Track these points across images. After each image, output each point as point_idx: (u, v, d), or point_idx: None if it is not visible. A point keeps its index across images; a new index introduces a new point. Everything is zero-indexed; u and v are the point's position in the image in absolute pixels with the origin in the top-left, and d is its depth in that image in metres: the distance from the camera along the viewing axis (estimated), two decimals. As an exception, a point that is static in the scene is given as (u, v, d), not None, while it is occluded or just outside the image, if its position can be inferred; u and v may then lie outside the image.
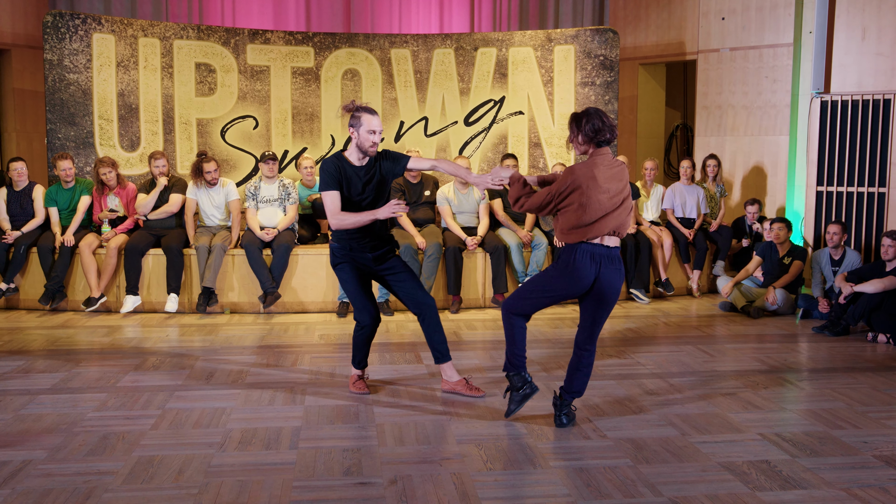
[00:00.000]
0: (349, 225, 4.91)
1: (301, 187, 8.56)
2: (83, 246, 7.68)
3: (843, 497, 3.70)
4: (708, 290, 9.08)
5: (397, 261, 5.19)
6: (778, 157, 9.64)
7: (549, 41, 9.83)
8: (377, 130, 4.93)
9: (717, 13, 10.09)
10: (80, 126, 8.90)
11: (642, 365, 6.00)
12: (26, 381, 5.50)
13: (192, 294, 7.86)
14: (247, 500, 3.65)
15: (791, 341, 6.89)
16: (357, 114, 4.98)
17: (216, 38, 9.46)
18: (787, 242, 7.98)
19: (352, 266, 5.10)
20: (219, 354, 6.29)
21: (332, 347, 6.56)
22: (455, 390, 5.21)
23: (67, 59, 8.79)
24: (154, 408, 4.93)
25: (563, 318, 7.64)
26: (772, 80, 9.62)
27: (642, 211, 9.12)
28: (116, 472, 3.95)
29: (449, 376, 5.26)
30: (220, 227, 8.09)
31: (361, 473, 3.94)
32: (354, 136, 4.98)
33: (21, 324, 7.34)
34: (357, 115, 4.97)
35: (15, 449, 4.25)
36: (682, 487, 3.79)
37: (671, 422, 4.71)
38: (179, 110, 9.36)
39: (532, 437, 4.45)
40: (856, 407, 5.02)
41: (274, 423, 4.66)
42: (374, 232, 5.07)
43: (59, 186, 8.09)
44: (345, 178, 4.96)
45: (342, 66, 9.75)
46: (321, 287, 7.97)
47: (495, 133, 9.88)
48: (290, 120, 9.70)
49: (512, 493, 3.75)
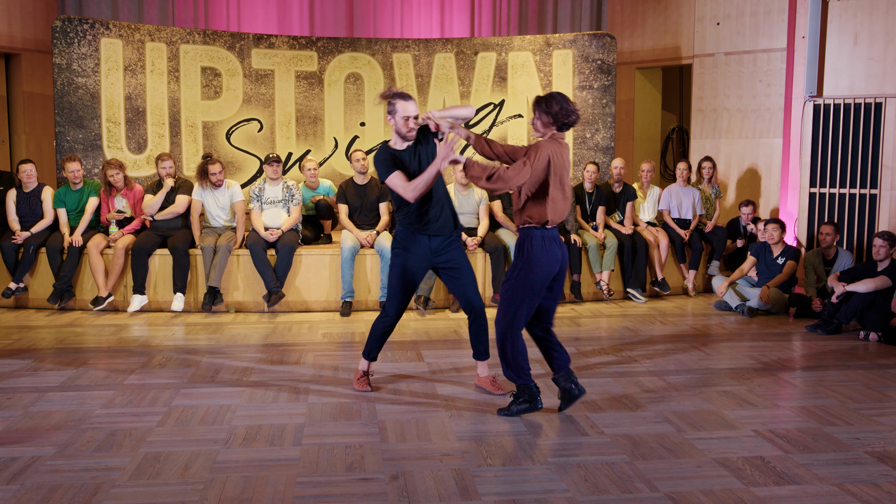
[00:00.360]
0: (423, 187, 4.81)
1: (304, 189, 8.64)
2: (91, 246, 7.74)
3: (836, 492, 3.74)
4: (703, 290, 9.14)
5: (460, 257, 5.16)
6: (772, 160, 9.72)
7: (548, 46, 9.93)
8: (412, 115, 4.96)
9: (712, 18, 10.18)
10: (88, 129, 9.00)
11: (639, 363, 6.06)
12: (35, 378, 5.53)
13: (198, 293, 7.93)
14: (251, 495, 3.68)
15: (785, 339, 6.94)
16: (392, 101, 4.99)
17: (221, 43, 9.56)
18: (781, 243, 8.07)
19: (406, 255, 5.05)
20: (224, 352, 6.33)
21: (335, 346, 6.61)
22: (482, 385, 5.35)
23: (76, 63, 8.89)
24: (160, 405, 4.96)
25: (561, 318, 7.74)
26: (766, 83, 9.70)
27: (639, 212, 9.21)
28: (123, 467, 3.98)
29: (482, 372, 5.39)
30: (226, 227, 8.17)
31: (364, 469, 3.98)
32: (392, 124, 5.02)
33: (30, 322, 7.39)
34: (392, 103, 4.99)
35: (24, 445, 4.28)
36: (678, 483, 3.83)
37: (667, 419, 4.75)
38: (185, 113, 9.45)
39: (531, 434, 4.49)
40: (848, 404, 5.07)
41: (278, 420, 4.69)
42: (440, 219, 5.06)
43: (67, 188, 8.17)
44: (398, 163, 4.98)
45: (345, 70, 9.85)
46: (324, 286, 8.06)
47: (495, 135, 9.97)
48: (294, 123, 9.80)
49: (511, 488, 3.78)
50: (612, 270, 8.52)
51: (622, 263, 8.61)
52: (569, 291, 8.46)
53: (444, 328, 7.22)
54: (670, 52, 10.74)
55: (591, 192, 8.82)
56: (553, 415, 4.83)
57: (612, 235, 8.58)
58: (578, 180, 9.47)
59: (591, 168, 8.77)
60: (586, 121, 9.87)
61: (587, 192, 8.82)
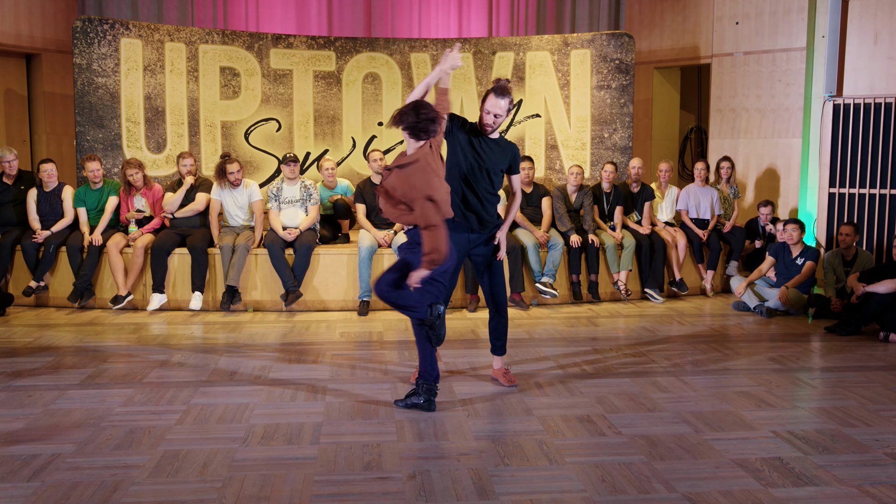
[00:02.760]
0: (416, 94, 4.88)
1: (322, 188, 8.67)
2: (111, 245, 7.79)
3: (855, 494, 3.72)
4: (721, 290, 9.12)
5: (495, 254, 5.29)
6: (791, 160, 9.67)
7: (566, 45, 9.92)
8: (491, 112, 5.05)
9: (731, 18, 10.13)
10: (108, 128, 9.06)
11: (656, 363, 6.05)
12: (55, 376, 5.57)
13: (217, 292, 7.98)
14: (269, 493, 3.69)
15: (803, 341, 6.91)
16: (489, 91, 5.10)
17: (240, 43, 9.60)
18: (800, 243, 8.02)
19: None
20: (242, 351, 6.35)
21: (353, 345, 6.63)
22: (496, 376, 5.53)
23: (96, 64, 8.96)
24: (179, 403, 4.99)
25: (579, 317, 7.73)
26: (785, 83, 9.65)
27: (657, 212, 9.18)
28: (143, 465, 3.99)
29: (495, 364, 5.56)
30: (244, 227, 8.20)
31: (381, 468, 3.98)
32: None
33: (50, 321, 7.45)
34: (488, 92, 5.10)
35: (44, 443, 4.30)
36: (696, 484, 3.82)
37: (685, 419, 4.74)
38: (204, 113, 9.51)
39: (548, 434, 4.49)
40: (867, 405, 5.05)
41: (296, 419, 4.70)
42: (473, 209, 5.14)
43: (87, 187, 8.23)
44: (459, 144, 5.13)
45: (363, 69, 9.87)
46: (342, 286, 8.08)
47: (513, 135, 9.96)
48: (312, 122, 9.83)
49: (528, 487, 3.77)
50: (629, 270, 8.50)
51: (640, 263, 8.59)
52: (586, 291, 8.45)
53: (461, 328, 7.23)
54: (689, 51, 10.70)
55: (608, 192, 8.80)
56: (571, 415, 4.82)
57: (630, 235, 8.56)
58: (597, 180, 9.46)
59: (608, 168, 8.75)
60: (604, 120, 9.86)
61: (605, 192, 8.81)
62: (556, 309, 8.14)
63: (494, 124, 5.08)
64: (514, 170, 5.31)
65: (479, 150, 5.12)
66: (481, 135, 5.15)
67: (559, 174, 9.92)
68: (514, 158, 5.26)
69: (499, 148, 5.19)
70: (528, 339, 6.86)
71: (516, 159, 5.28)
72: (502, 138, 5.25)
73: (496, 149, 5.18)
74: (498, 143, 5.20)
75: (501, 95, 5.01)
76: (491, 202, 5.21)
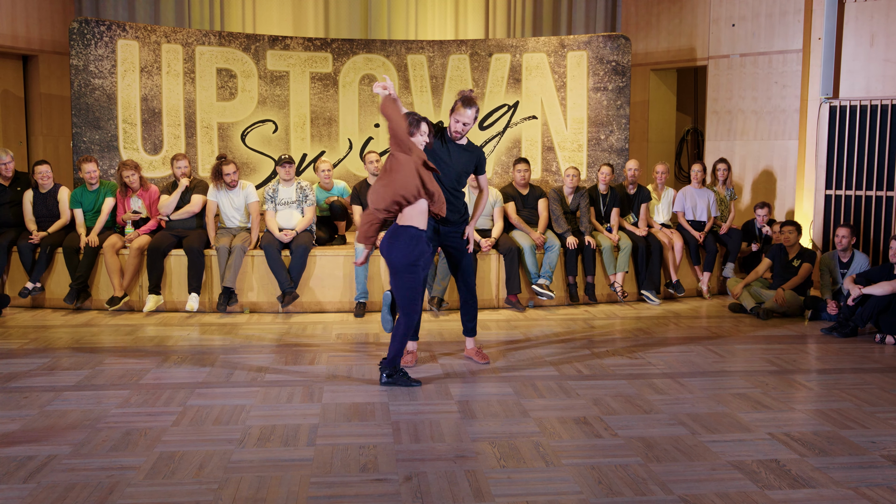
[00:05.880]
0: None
1: (319, 190, 8.67)
2: (107, 246, 7.78)
3: (852, 496, 3.72)
4: (718, 292, 9.13)
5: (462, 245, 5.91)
6: (787, 162, 9.69)
7: (563, 47, 9.93)
8: (460, 121, 5.68)
9: (727, 20, 10.15)
10: (105, 130, 9.06)
11: (653, 365, 6.05)
12: (51, 377, 5.56)
13: (213, 294, 7.97)
14: (265, 495, 3.69)
15: (800, 342, 6.92)
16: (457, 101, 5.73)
17: (237, 45, 9.60)
18: (797, 245, 8.04)
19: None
20: (238, 353, 6.35)
21: (349, 346, 6.62)
22: (469, 355, 6.15)
23: (93, 65, 8.96)
24: (175, 404, 4.98)
25: (575, 319, 7.74)
26: (781, 85, 9.67)
27: (653, 214, 9.19)
28: (139, 467, 3.99)
29: (468, 345, 6.18)
30: (240, 228, 8.20)
31: (377, 470, 3.98)
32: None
33: (46, 322, 7.44)
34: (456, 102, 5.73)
35: (40, 444, 4.30)
36: (693, 486, 3.82)
37: (681, 421, 4.75)
38: (201, 114, 9.50)
39: (544, 435, 4.49)
40: (864, 407, 5.06)
41: (292, 420, 4.70)
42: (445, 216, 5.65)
43: (83, 188, 8.22)
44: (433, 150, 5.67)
45: (359, 71, 9.88)
46: (338, 287, 8.08)
47: (509, 137, 9.97)
48: (309, 124, 9.83)
49: (524, 489, 3.77)
50: (626, 272, 8.51)
51: (636, 265, 8.60)
52: (583, 293, 8.45)
53: (457, 329, 7.21)
54: (685, 53, 10.72)
55: (605, 194, 8.81)
56: (567, 417, 4.82)
57: (627, 237, 8.57)
58: (593, 182, 9.46)
59: (605, 170, 8.76)
60: (601, 122, 9.87)
61: (601, 193, 8.81)
62: (553, 311, 8.14)
63: (463, 132, 5.74)
64: (479, 171, 5.98)
65: (449, 155, 5.77)
66: (451, 141, 5.80)
67: (556, 176, 9.93)
68: (479, 161, 5.93)
69: (466, 153, 5.85)
70: (525, 340, 6.86)
71: (482, 162, 5.95)
72: (469, 143, 5.92)
73: (464, 154, 5.84)
74: (466, 148, 5.86)
75: (468, 106, 5.67)
76: (458, 198, 5.86)
